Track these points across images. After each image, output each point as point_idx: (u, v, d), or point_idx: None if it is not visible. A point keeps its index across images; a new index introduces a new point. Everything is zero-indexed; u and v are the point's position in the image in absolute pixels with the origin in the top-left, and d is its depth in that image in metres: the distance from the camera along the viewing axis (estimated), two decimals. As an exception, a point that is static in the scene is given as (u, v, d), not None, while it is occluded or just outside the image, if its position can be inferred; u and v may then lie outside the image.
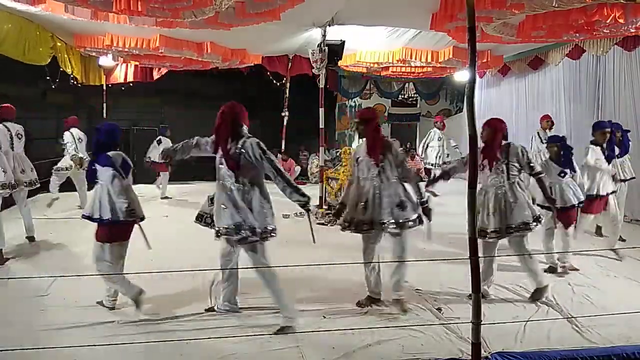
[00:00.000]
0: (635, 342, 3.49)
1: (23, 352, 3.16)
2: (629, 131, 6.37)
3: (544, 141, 7.01)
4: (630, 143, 6.30)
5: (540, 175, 4.30)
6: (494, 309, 4.08)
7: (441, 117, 11.08)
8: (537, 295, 4.30)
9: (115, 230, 3.85)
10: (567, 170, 4.96)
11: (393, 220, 3.95)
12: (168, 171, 9.05)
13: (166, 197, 9.34)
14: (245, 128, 3.78)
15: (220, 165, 3.68)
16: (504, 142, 4.28)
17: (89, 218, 3.88)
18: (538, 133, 8.35)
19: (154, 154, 9.09)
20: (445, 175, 4.54)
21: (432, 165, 10.16)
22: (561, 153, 5.02)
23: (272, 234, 3.66)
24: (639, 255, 5.53)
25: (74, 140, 7.68)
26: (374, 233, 4.07)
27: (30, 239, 5.95)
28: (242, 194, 3.59)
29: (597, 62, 8.47)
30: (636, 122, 7.66)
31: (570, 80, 9.20)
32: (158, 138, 9.43)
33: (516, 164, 4.20)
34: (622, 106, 7.94)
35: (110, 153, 3.86)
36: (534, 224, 4.19)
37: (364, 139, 4.18)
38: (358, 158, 4.16)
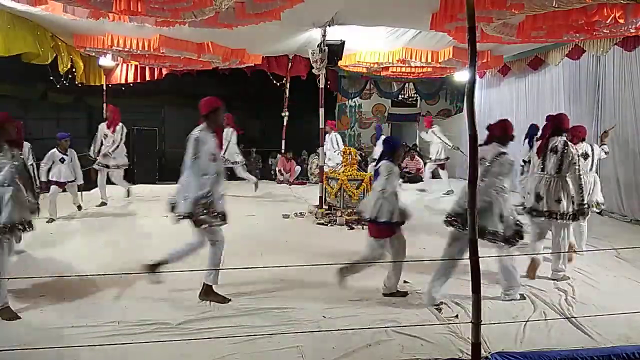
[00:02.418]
0: (635, 342, 3.50)
1: (23, 352, 3.17)
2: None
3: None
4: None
5: None
6: (494, 309, 4.08)
7: (429, 118, 11.47)
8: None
9: None
10: None
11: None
12: None
13: None
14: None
15: None
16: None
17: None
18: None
19: None
20: None
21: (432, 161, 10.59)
22: None
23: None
24: (639, 255, 5.52)
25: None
26: None
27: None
28: None
29: (597, 62, 8.48)
30: (636, 122, 7.67)
31: (570, 80, 9.20)
32: None
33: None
34: (622, 106, 7.95)
35: None
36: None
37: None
38: None
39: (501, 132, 4.14)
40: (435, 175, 10.69)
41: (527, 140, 6.55)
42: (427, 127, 10.70)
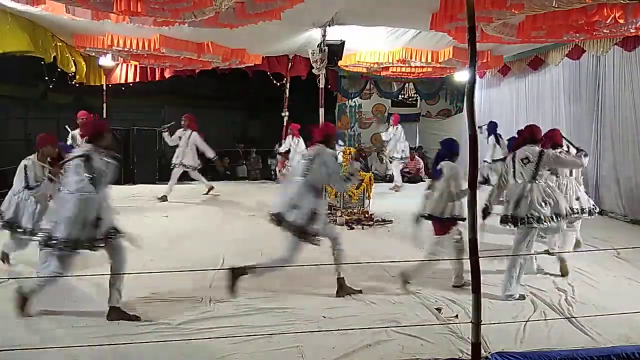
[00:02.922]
0: (635, 342, 3.50)
1: (23, 352, 3.17)
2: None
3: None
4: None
5: None
6: (494, 309, 4.08)
7: (397, 116, 11.65)
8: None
9: None
10: None
11: None
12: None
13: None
14: None
15: None
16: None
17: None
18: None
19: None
20: None
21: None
22: None
23: None
24: (639, 255, 5.52)
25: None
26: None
27: None
28: None
29: (597, 62, 8.47)
30: (636, 122, 7.67)
31: (570, 80, 9.19)
32: None
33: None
34: (622, 106, 7.95)
35: None
36: None
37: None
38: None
39: (531, 135, 4.54)
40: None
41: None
42: (394, 125, 11.01)
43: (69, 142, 8.07)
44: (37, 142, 4.88)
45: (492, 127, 9.21)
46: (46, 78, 8.47)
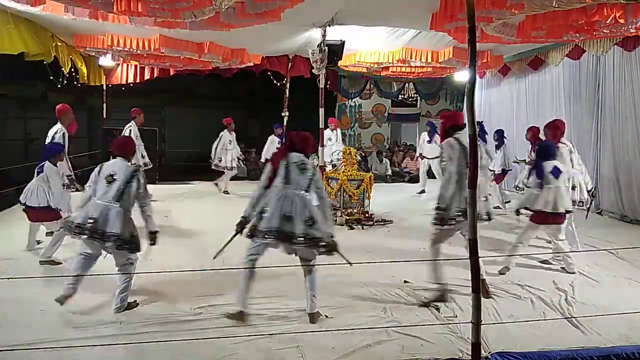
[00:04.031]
0: (635, 342, 3.50)
1: (23, 352, 3.17)
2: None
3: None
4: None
5: None
6: (494, 309, 4.08)
7: (334, 119, 11.50)
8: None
9: None
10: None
11: None
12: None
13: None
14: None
15: None
16: None
17: None
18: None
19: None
20: None
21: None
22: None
23: None
24: (639, 255, 5.52)
25: None
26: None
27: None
28: None
29: (597, 62, 8.47)
30: (636, 122, 7.67)
31: (570, 80, 9.19)
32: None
33: None
34: (622, 106, 7.95)
35: None
36: None
37: None
38: None
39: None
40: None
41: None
42: (334, 128, 10.86)
43: None
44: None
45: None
46: (51, 78, 8.46)
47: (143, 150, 8.60)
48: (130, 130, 8.56)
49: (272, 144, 10.37)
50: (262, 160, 10.61)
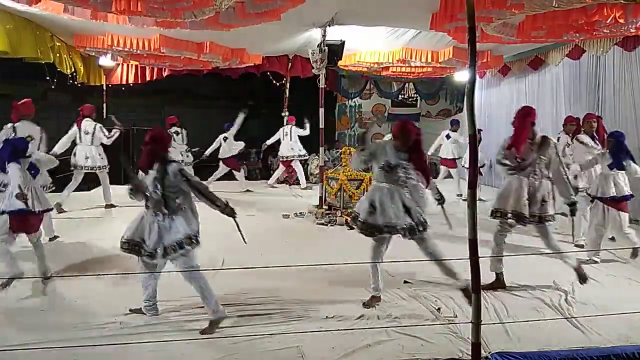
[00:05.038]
0: (635, 342, 3.50)
1: (23, 352, 3.17)
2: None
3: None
4: None
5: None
6: (493, 309, 4.08)
7: (292, 117, 11.37)
8: None
9: None
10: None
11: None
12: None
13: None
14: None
15: None
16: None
17: None
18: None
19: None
20: None
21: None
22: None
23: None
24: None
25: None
26: None
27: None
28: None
29: (597, 62, 8.46)
30: (636, 122, 7.66)
31: (570, 80, 9.19)
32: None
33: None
34: (622, 106, 7.94)
35: None
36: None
37: None
38: None
39: None
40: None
41: None
42: (290, 123, 10.84)
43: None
44: None
45: None
46: (47, 78, 8.47)
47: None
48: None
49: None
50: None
